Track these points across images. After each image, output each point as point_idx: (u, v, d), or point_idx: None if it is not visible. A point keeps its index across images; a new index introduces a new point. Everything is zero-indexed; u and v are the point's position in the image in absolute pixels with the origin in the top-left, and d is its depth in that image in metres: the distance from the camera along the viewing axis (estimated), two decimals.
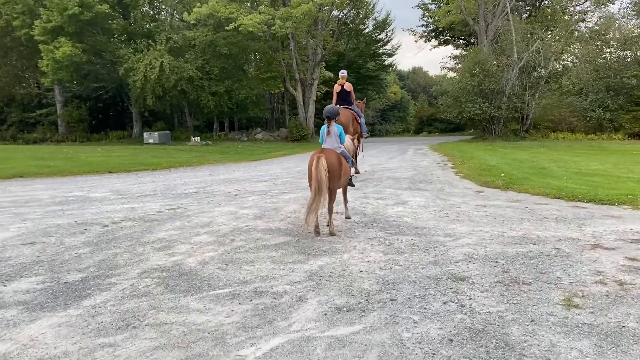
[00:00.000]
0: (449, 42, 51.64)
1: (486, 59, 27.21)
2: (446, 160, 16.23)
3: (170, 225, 6.61)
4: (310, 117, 33.09)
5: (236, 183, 11.11)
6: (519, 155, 17.67)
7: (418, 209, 7.53)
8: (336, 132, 6.54)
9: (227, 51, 29.15)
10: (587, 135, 27.70)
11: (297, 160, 17.50)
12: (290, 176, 12.40)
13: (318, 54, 32.32)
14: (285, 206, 7.93)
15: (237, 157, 19.49)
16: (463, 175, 11.58)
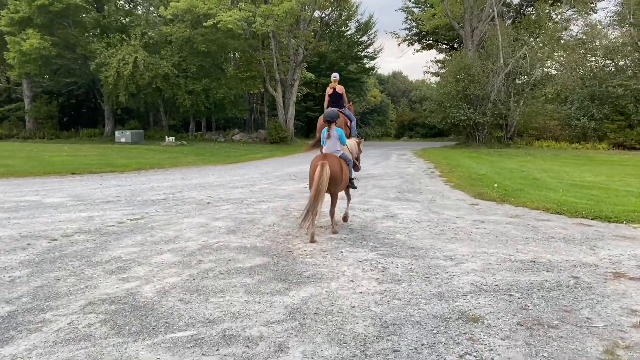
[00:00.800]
0: (432, 47, 51.58)
1: (472, 64, 26.86)
2: (433, 167, 15.66)
3: (130, 240, 5.80)
4: (290, 118, 32.32)
5: (209, 189, 10.30)
6: (506, 164, 17.23)
7: (410, 224, 6.86)
8: (336, 135, 6.61)
9: (205, 49, 28.21)
10: (572, 144, 27.55)
11: (276, 165, 16.73)
12: (268, 182, 11.64)
13: (300, 55, 31.60)
14: (263, 218, 7.18)
15: (212, 160, 18.63)
16: (453, 185, 10.97)
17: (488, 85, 26.18)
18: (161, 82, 29.21)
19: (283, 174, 13.36)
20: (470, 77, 26.33)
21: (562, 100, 29.55)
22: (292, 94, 32.11)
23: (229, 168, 15.53)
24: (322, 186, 5.92)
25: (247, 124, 46.42)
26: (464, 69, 26.62)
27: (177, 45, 29.95)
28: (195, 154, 21.69)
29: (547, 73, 28.79)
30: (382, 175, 13.15)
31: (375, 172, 14.18)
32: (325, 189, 5.99)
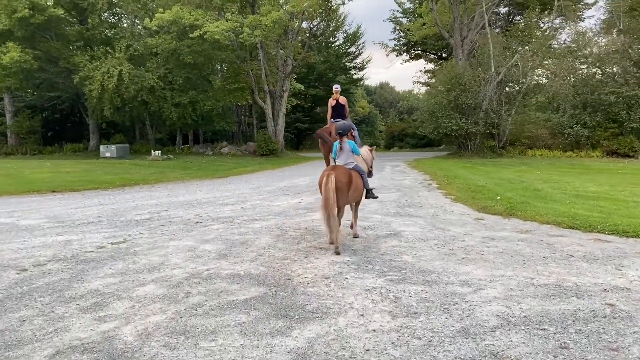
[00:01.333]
0: (420, 57, 51.51)
1: (463, 72, 26.62)
2: (429, 179, 15.23)
3: (110, 268, 5.24)
4: (279, 130, 31.82)
5: (197, 207, 9.74)
6: (503, 174, 16.86)
7: (416, 243, 6.38)
8: (348, 148, 6.68)
9: (192, 60, 27.70)
10: (565, 152, 27.34)
11: (267, 179, 16.20)
12: (260, 198, 11.11)
13: (288, 65, 31.21)
14: (257, 239, 6.65)
15: (200, 174, 18.06)
16: (454, 198, 10.52)
17: (480, 94, 25.93)
18: (147, 95, 28.62)
19: (275, 189, 12.84)
20: (462, 86, 26.07)
21: (554, 109, 29.43)
22: (281, 106, 31.66)
23: (217, 183, 14.98)
24: (328, 196, 5.95)
25: (236, 137, 45.87)
26: (455, 78, 26.37)
27: (163, 57, 29.43)
28: (182, 168, 21.10)
29: (538, 82, 28.60)
30: (379, 189, 12.66)
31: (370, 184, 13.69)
32: (333, 199, 5.96)
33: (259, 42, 29.59)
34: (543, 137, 28.53)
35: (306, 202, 10.29)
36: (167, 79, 29.63)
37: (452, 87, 26.52)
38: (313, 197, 11.03)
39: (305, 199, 10.72)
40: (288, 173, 18.48)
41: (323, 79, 51.01)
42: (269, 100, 31.31)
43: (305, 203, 10.19)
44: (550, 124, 28.22)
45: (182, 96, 29.25)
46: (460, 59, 28.89)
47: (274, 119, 31.66)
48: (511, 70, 25.83)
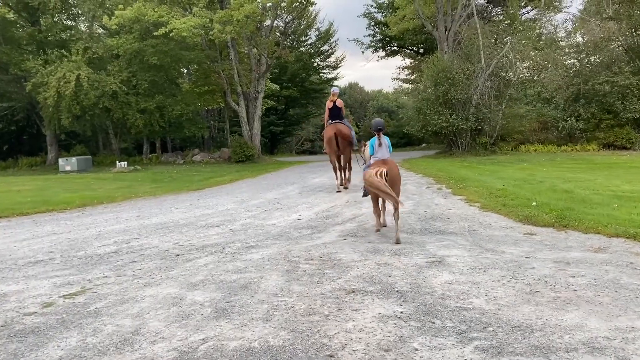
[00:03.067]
0: (397, 53, 50.46)
1: (451, 65, 25.44)
2: (433, 182, 13.83)
3: (58, 346, 3.60)
4: (256, 134, 30.12)
5: (176, 231, 8.08)
6: (511, 173, 15.61)
7: (476, 275, 4.91)
8: (386, 143, 7.07)
9: (157, 61, 25.83)
10: (559, 147, 26.40)
11: (251, 189, 14.56)
12: (250, 214, 9.49)
13: (262, 64, 29.56)
14: (262, 279, 5.07)
15: (173, 187, 16.29)
16: (481, 206, 9.10)
17: (471, 88, 24.77)
18: (109, 101, 26.63)
19: (265, 202, 11.23)
20: (451, 80, 24.89)
21: (545, 102, 28.51)
22: (256, 108, 29.99)
23: (195, 197, 13.27)
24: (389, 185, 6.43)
25: (207, 143, 43.97)
26: (443, 71, 25.17)
27: (126, 60, 27.47)
28: (152, 180, 19.26)
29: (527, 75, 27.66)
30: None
31: None
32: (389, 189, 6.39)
33: (230, 40, 27.91)
34: (536, 131, 27.56)
35: (307, 218, 8.73)
36: (131, 83, 27.67)
37: (440, 81, 25.31)
38: (312, 211, 9.49)
39: (305, 214, 9.16)
40: (273, 181, 16.87)
41: (296, 79, 49.56)
42: (242, 103, 29.62)
43: (305, 219, 8.64)
44: (543, 118, 27.26)
45: (148, 101, 27.32)
46: (446, 52, 27.75)
47: (249, 123, 29.97)
48: (502, 61, 24.75)
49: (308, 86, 50.99)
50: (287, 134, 53.20)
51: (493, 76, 25.64)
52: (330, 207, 9.92)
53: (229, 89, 29.57)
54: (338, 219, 8.57)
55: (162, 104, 27.59)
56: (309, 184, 14.89)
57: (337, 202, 10.72)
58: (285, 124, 50.35)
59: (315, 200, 11.00)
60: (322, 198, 11.38)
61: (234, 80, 28.85)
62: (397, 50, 49.42)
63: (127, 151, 38.03)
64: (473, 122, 25.03)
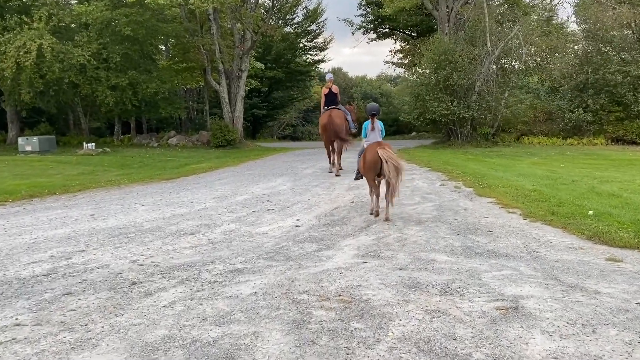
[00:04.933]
0: (389, 35, 48.61)
1: (453, 48, 23.74)
2: (446, 178, 12.17)
3: None
4: (238, 117, 28.08)
5: (137, 240, 6.26)
6: (528, 169, 14.09)
7: (585, 339, 3.24)
8: (379, 127, 7.53)
9: (131, 33, 23.57)
10: (565, 139, 25.01)
11: (233, 180, 12.72)
12: (234, 217, 7.69)
13: (247, 40, 27.47)
14: (258, 339, 3.32)
15: (142, 175, 14.35)
16: (524, 214, 7.44)
17: (475, 74, 23.10)
18: (75, 75, 24.31)
19: (251, 199, 9.44)
20: (453, 64, 23.20)
21: (550, 91, 27.04)
22: (239, 88, 27.91)
23: (166, 189, 11.39)
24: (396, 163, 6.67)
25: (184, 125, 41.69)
26: (445, 54, 23.46)
27: (96, 30, 25.12)
28: (120, 165, 17.28)
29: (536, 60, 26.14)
30: None
31: None
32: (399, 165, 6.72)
33: (212, 11, 25.79)
34: (539, 122, 26.11)
35: (307, 225, 6.99)
36: (102, 56, 25.33)
37: (441, 65, 23.61)
38: (312, 214, 7.74)
39: (304, 219, 7.40)
40: (258, 171, 15.04)
41: (281, 60, 47.38)
42: (224, 82, 27.54)
43: (306, 226, 6.89)
44: (548, 108, 25.79)
45: (120, 77, 25.03)
46: (447, 33, 26.01)
47: (230, 104, 27.93)
48: (509, 45, 23.14)
49: (294, 68, 48.91)
50: (270, 118, 51.15)
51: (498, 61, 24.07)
52: (333, 210, 8.17)
53: (210, 66, 27.42)
54: (347, 227, 6.84)
55: (136, 80, 25.35)
56: (300, 176, 13.11)
57: (340, 201, 8.98)
58: (269, 107, 48.25)
59: (313, 199, 9.24)
60: (320, 196, 9.62)
61: (215, 56, 26.73)
62: (389, 32, 47.59)
63: (98, 131, 35.62)
64: (476, 110, 23.40)
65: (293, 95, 52.97)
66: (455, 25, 26.25)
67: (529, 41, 23.63)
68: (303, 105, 57.06)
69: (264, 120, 50.24)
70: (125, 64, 25.92)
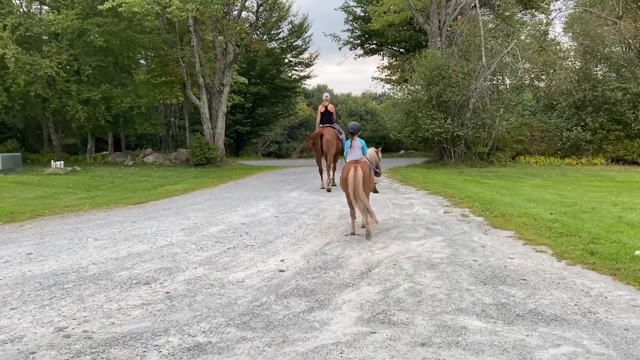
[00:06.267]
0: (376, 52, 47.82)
1: (446, 63, 22.77)
2: (447, 203, 10.96)
3: None
4: (219, 133, 26.71)
5: (74, 294, 4.90)
6: (534, 193, 13.01)
7: None
8: (359, 145, 7.74)
9: (104, 44, 22.23)
10: (563, 159, 24.09)
11: (209, 205, 11.36)
12: (203, 258, 6.36)
13: (230, 53, 26.26)
14: None
15: (108, 198, 12.92)
16: (557, 254, 6.22)
17: (469, 90, 22.12)
18: (43, 88, 22.87)
19: (227, 230, 8.12)
20: (446, 79, 22.20)
21: (546, 108, 26.16)
22: (220, 103, 26.59)
23: (131, 216, 10.00)
24: (358, 185, 7.02)
25: (165, 142, 40.28)
26: (437, 69, 22.47)
27: (67, 40, 23.74)
28: (86, 187, 15.82)
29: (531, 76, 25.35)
30: (394, 226, 8.22)
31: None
32: (361, 188, 7.03)
33: (193, 22, 24.58)
34: (536, 140, 25.19)
35: (293, 269, 5.69)
36: (73, 68, 23.96)
37: (433, 80, 22.61)
38: (300, 253, 6.45)
39: (289, 260, 6.11)
40: (238, 193, 13.70)
41: (266, 75, 46.22)
42: (205, 97, 26.23)
43: (292, 271, 5.60)
44: (545, 127, 24.88)
45: (93, 90, 23.57)
46: (439, 47, 25.09)
47: (211, 120, 26.59)
48: (508, 59, 22.24)
49: (279, 84, 47.82)
50: (254, 135, 49.85)
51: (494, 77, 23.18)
52: (325, 246, 6.89)
53: (189, 79, 26.11)
54: (344, 272, 5.55)
55: (109, 94, 23.94)
56: (285, 200, 11.81)
57: (332, 234, 7.70)
58: (253, 123, 46.99)
59: (300, 231, 7.94)
60: (309, 227, 8.33)
61: (195, 70, 25.45)
62: (377, 48, 46.82)
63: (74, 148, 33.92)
64: (470, 128, 22.38)
65: (278, 111, 51.89)
66: (447, 39, 25.36)
67: (526, 57, 22.78)
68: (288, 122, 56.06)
69: (247, 137, 48.93)
70: (99, 76, 24.55)
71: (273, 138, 54.74)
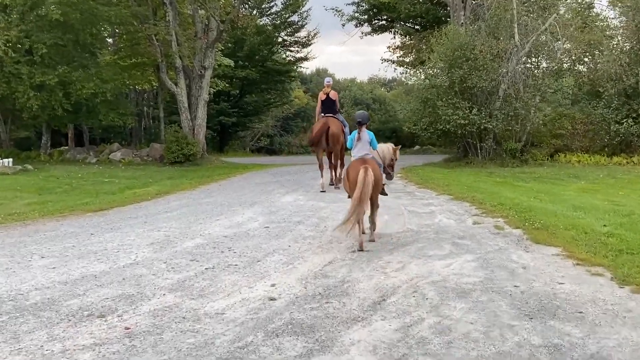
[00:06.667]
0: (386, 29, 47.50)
1: (471, 42, 22.48)
2: (476, 211, 10.62)
3: None
4: (200, 125, 26.34)
5: (7, 330, 4.54)
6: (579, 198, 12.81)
7: None
8: (367, 138, 7.83)
9: (61, 17, 21.85)
10: (610, 157, 23.73)
11: (184, 213, 11.02)
12: (174, 282, 6.01)
13: (212, 30, 25.91)
14: None
15: (63, 204, 12.53)
16: (617, 279, 5.81)
17: (499, 74, 21.84)
18: None
19: (206, 244, 7.77)
20: (471, 61, 21.90)
21: (590, 96, 25.80)
22: (201, 90, 26.22)
23: (89, 226, 9.63)
24: (367, 190, 7.03)
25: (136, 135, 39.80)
26: (461, 49, 22.17)
27: (17, 13, 23.42)
28: (38, 190, 15.47)
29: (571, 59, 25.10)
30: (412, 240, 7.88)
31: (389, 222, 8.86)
32: (369, 194, 7.12)
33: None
34: (578, 135, 24.88)
35: (287, 297, 5.34)
36: (23, 46, 23.61)
37: (456, 62, 22.29)
38: (295, 276, 6.10)
39: (282, 283, 5.77)
40: (221, 198, 13.37)
41: (255, 57, 45.96)
42: (183, 82, 25.91)
43: (285, 300, 5.25)
44: (589, 118, 24.58)
45: (48, 74, 23.20)
46: (462, 23, 24.84)
47: (190, 110, 26.26)
48: (542, 39, 21.96)
49: (271, 66, 47.52)
50: (242, 127, 49.54)
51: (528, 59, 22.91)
52: (326, 265, 6.54)
53: (164, 61, 25.74)
54: (351, 301, 5.19)
55: (68, 78, 23.55)
56: (278, 207, 11.47)
57: (335, 249, 7.37)
58: (240, 114, 46.68)
59: (295, 246, 7.59)
60: (306, 240, 7.99)
61: (171, 49, 25.13)
62: (388, 25, 46.53)
63: (27, 143, 33.63)
64: (501, 120, 22.06)
65: (270, 99, 51.50)
66: (472, 14, 25.10)
67: (566, 35, 22.49)
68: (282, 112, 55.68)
69: (233, 129, 48.67)
70: (55, 57, 24.24)
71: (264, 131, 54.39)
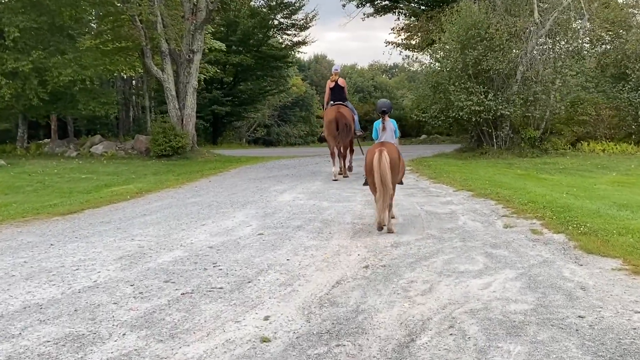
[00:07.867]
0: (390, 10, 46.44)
1: (485, 20, 21.43)
2: (505, 211, 9.54)
3: None
4: (189, 115, 25.24)
5: None
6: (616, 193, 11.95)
7: None
8: (392, 127, 8.20)
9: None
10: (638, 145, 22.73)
11: (166, 214, 9.96)
12: (141, 310, 4.95)
13: (202, 10, 24.79)
14: None
15: (28, 206, 11.45)
16: None
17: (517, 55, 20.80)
18: None
19: (186, 259, 6.70)
20: (486, 41, 20.86)
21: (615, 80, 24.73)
22: (190, 76, 25.10)
23: (50, 234, 8.56)
24: (384, 173, 7.40)
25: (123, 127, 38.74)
26: (475, 28, 21.10)
27: None
28: (6, 188, 14.41)
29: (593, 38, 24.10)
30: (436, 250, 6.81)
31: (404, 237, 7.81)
32: (389, 176, 7.41)
33: None
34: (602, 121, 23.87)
35: (286, 334, 4.28)
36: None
37: (469, 43, 21.23)
38: (296, 302, 5.03)
39: (279, 315, 4.70)
40: (210, 196, 12.31)
41: (250, 41, 45.03)
42: (169, 68, 24.83)
43: (284, 338, 4.19)
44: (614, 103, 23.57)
45: (21, 59, 22.21)
46: (475, 1, 23.77)
47: (178, 98, 25.17)
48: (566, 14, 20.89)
49: (266, 51, 46.64)
50: (236, 117, 48.57)
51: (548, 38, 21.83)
52: (334, 287, 5.47)
53: (149, 45, 24.62)
54: (370, 343, 4.11)
55: (43, 64, 22.49)
56: (274, 208, 10.40)
57: (345, 265, 6.29)
58: (234, 102, 45.81)
59: (295, 260, 6.52)
60: (308, 252, 6.92)
61: (156, 32, 24.02)
62: (391, 5, 45.48)
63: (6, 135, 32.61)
64: (519, 106, 21.00)
65: (266, 87, 50.65)
66: None
67: (591, 10, 21.43)
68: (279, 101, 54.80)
69: (228, 119, 47.78)
70: (29, 41, 23.20)
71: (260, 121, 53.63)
